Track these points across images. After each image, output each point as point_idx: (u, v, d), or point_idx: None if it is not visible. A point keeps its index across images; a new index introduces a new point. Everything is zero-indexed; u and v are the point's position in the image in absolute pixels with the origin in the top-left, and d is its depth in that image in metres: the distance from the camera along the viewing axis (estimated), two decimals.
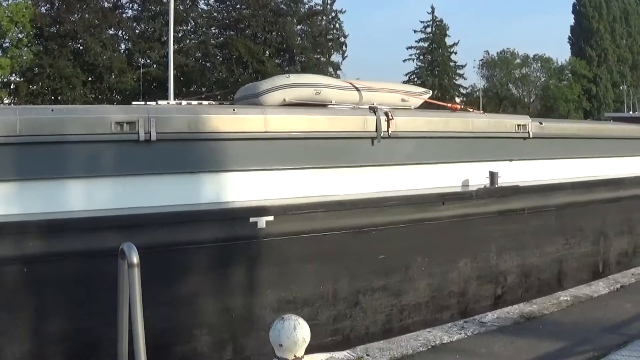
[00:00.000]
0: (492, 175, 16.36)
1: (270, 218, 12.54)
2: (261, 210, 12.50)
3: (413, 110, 16.81)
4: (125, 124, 11.40)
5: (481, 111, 18.71)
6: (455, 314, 15.64)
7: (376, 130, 14.47)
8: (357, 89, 15.64)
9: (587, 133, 21.05)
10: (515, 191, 16.97)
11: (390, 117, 14.60)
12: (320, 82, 15.43)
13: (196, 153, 12.37)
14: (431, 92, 18.51)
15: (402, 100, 16.49)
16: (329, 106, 15.01)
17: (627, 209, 21.15)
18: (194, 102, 15.61)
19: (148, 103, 14.69)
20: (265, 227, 12.47)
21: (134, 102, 17.30)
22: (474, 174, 16.38)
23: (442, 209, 15.40)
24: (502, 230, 16.88)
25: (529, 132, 17.62)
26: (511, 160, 17.42)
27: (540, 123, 18.28)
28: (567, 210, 18.58)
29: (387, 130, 14.59)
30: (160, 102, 15.77)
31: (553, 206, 18.16)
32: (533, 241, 17.77)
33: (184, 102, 15.53)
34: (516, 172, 17.33)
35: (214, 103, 15.84)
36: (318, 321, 13.33)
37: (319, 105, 14.89)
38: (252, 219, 12.35)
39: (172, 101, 20.51)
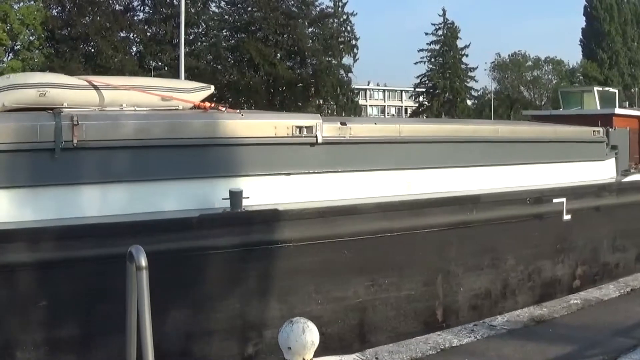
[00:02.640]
0: (233, 196, 12.98)
1: None
2: None
3: (156, 112, 14.10)
4: None
5: (238, 111, 15.27)
6: None
7: (55, 140, 11.83)
8: (96, 88, 13.63)
9: (431, 135, 17.57)
10: (270, 217, 13.53)
11: (75, 122, 11.90)
12: (46, 81, 13.31)
13: None
14: (212, 87, 16.02)
15: (163, 99, 14.47)
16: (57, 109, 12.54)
17: (487, 236, 17.38)
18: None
19: None
20: None
21: None
22: (212, 194, 13.37)
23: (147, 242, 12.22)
24: (254, 269, 13.45)
25: (316, 137, 14.66)
26: (288, 174, 14.49)
27: (343, 124, 15.44)
28: (375, 240, 14.90)
29: (72, 139, 11.93)
30: None
31: (348, 235, 14.44)
32: (309, 284, 14.19)
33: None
34: (292, 190, 14.47)
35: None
36: None
37: (47, 109, 12.63)
38: None
39: None
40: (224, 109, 14.97)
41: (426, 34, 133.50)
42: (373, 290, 14.90)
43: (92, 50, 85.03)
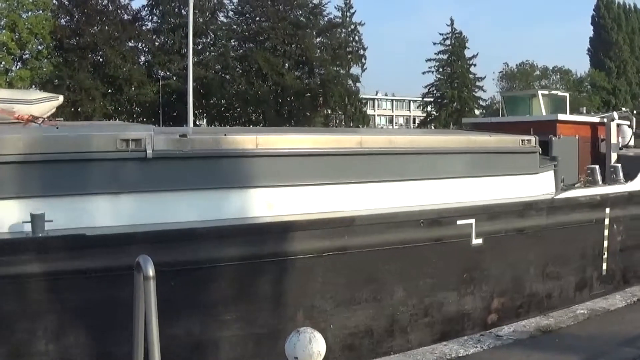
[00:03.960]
0: (34, 220, 11.43)
1: None
2: None
3: None
4: None
5: (56, 124, 14.04)
6: None
7: None
8: None
9: (300, 148, 15.36)
10: (72, 244, 11.89)
11: None
12: None
13: None
14: (60, 97, 15.24)
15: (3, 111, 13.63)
16: None
17: (366, 264, 15.24)
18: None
19: None
20: None
21: None
22: (15, 217, 11.92)
23: None
24: (55, 301, 11.86)
25: (145, 151, 12.99)
26: (118, 193, 12.89)
27: (183, 136, 13.80)
28: (213, 270, 13.26)
29: None
30: None
31: (178, 265, 12.66)
32: (125, 319, 11.70)
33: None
34: (113, 212, 12.91)
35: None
36: None
37: None
38: None
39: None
40: (41, 120, 14.02)
41: (434, 43, 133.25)
42: (212, 327, 13.23)
43: (101, 59, 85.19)
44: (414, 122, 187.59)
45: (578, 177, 22.87)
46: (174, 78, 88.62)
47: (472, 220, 17.00)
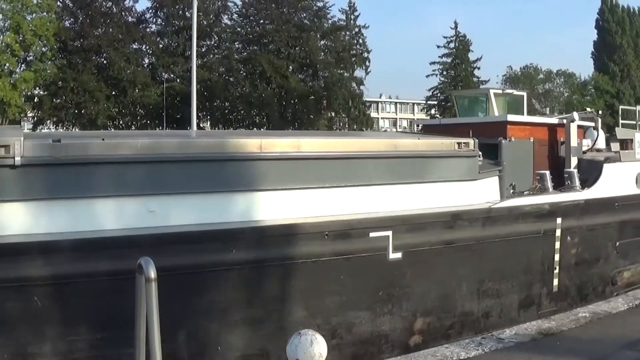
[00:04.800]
0: None
1: None
2: None
3: None
4: None
5: None
6: None
7: None
8: None
9: (182, 153, 14.36)
10: None
11: None
12: None
13: None
14: None
15: None
16: None
17: (257, 281, 14.37)
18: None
19: None
20: None
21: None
22: None
23: None
24: None
25: (14, 158, 12.27)
26: None
27: (56, 141, 13.01)
28: (73, 287, 12.52)
29: None
30: None
31: (37, 280, 12.26)
32: None
33: None
34: None
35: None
36: None
37: None
38: None
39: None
40: None
41: (438, 46, 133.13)
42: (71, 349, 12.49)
43: (105, 61, 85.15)
44: (417, 125, 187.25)
45: (533, 184, 21.43)
46: (178, 80, 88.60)
47: (389, 232, 15.85)
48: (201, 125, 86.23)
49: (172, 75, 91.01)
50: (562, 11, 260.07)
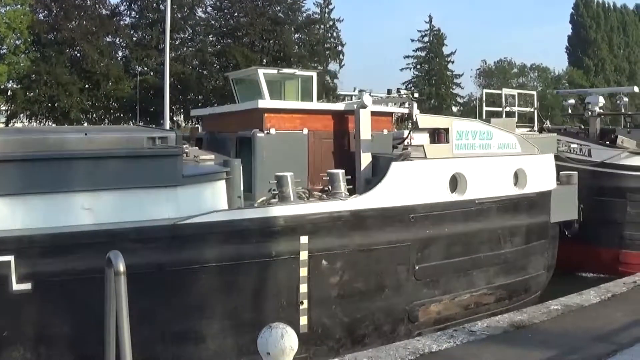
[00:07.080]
0: None
1: None
2: None
3: None
4: None
5: None
6: None
7: None
8: None
9: None
10: None
11: None
12: None
13: None
14: None
15: None
16: None
17: None
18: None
19: None
20: None
21: None
22: None
23: None
24: None
25: None
26: None
27: None
28: None
29: None
30: None
31: None
32: None
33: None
34: None
35: None
36: None
37: None
38: None
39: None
40: None
41: (412, 40, 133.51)
42: None
43: (78, 54, 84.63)
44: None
45: (309, 188, 18.38)
46: (152, 73, 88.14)
47: (11, 257, 12.87)
48: (174, 118, 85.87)
49: (145, 69, 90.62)
50: (537, 6, 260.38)
